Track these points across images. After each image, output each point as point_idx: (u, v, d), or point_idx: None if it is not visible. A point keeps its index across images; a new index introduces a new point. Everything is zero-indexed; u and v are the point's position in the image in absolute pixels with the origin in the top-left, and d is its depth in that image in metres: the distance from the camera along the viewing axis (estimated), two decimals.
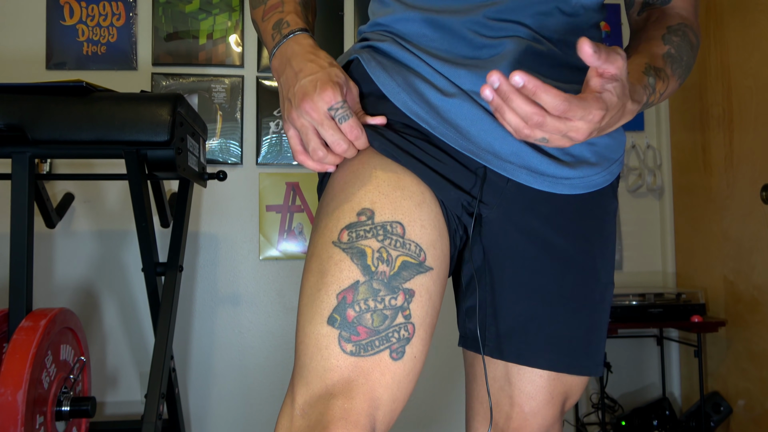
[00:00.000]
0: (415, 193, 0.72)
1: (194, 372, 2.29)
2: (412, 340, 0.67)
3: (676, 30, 0.79)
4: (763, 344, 2.05)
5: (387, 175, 0.72)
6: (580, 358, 0.80)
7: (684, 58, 0.77)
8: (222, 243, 2.34)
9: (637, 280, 2.56)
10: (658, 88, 0.74)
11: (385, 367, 0.65)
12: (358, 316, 0.66)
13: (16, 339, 1.32)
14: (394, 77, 0.78)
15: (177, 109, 1.45)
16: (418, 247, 0.69)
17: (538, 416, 0.80)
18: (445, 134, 0.76)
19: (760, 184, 2.02)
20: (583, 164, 0.79)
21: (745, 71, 2.10)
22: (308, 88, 0.71)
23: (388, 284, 0.67)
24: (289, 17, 0.81)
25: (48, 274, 2.22)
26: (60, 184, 2.24)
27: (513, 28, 0.78)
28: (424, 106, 0.77)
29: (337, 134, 0.71)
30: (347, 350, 0.65)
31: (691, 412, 2.27)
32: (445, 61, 0.78)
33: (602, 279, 0.82)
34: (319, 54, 0.76)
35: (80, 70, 2.29)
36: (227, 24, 2.37)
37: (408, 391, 0.68)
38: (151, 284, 1.59)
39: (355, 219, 0.69)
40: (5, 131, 1.37)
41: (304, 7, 0.86)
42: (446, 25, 0.79)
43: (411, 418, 2.36)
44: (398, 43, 0.81)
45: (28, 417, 1.28)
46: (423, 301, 0.68)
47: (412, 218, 0.70)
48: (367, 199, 0.70)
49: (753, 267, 2.08)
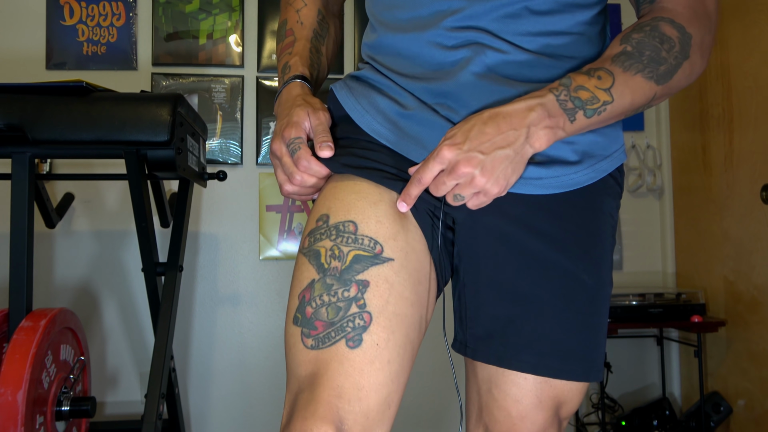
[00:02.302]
0: (371, 194, 0.76)
1: (194, 372, 2.29)
2: (370, 328, 0.69)
3: (643, 26, 0.75)
4: (763, 344, 2.05)
5: (344, 184, 0.78)
6: (569, 362, 0.78)
7: (646, 53, 0.73)
8: (222, 243, 2.34)
9: (637, 280, 2.56)
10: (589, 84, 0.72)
11: (342, 355, 0.68)
12: (315, 311, 0.70)
13: (16, 339, 1.32)
14: (360, 101, 0.85)
15: (177, 109, 1.45)
16: (372, 240, 0.73)
17: (527, 420, 0.79)
18: (405, 148, 0.80)
19: (760, 184, 2.02)
20: (558, 163, 0.78)
21: (745, 71, 2.10)
22: (277, 132, 0.83)
23: (341, 278, 0.71)
24: (292, 61, 0.90)
25: (48, 274, 2.22)
26: (60, 184, 2.24)
27: (472, 36, 0.78)
28: (386, 124, 0.82)
29: (291, 167, 0.80)
30: (308, 345, 0.70)
31: (691, 412, 2.27)
32: (409, 77, 0.83)
33: (586, 280, 0.79)
34: (296, 100, 0.84)
35: (80, 70, 2.29)
36: (227, 24, 2.37)
37: (379, 379, 0.68)
38: (151, 284, 1.59)
39: (315, 225, 0.76)
40: (5, 131, 1.37)
41: (316, 40, 0.94)
42: (413, 42, 0.83)
43: (411, 418, 2.36)
44: (374, 68, 0.88)
45: (28, 417, 1.28)
46: (381, 291, 0.71)
47: (365, 216, 0.74)
48: (325, 207, 0.77)
49: (753, 267, 2.08)
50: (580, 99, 0.72)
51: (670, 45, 0.74)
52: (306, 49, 0.92)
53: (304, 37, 0.93)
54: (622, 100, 0.73)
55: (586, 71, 0.73)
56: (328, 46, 0.99)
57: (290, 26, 0.94)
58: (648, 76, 0.73)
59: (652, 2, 0.79)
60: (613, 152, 0.83)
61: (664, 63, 0.74)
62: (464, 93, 0.78)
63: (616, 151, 0.83)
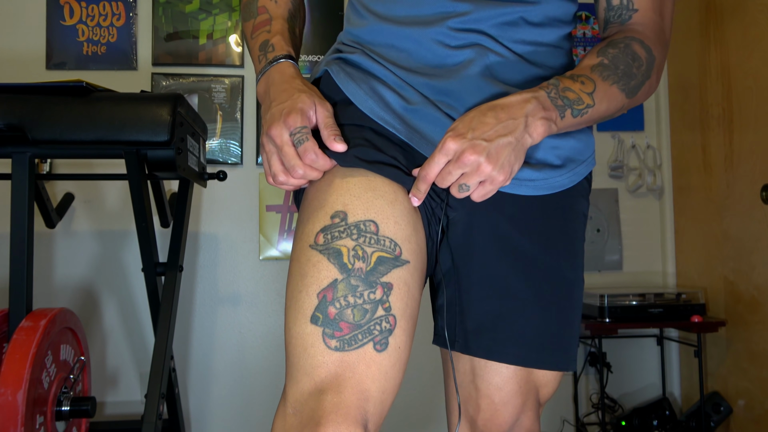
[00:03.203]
0: (388, 192, 0.75)
1: (194, 372, 2.29)
2: (395, 332, 0.70)
3: (617, 43, 0.81)
4: (763, 344, 2.05)
5: (357, 179, 0.75)
6: (550, 353, 0.83)
7: (621, 67, 0.79)
8: (222, 243, 2.34)
9: (637, 280, 2.56)
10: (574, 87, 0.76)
11: (370, 359, 0.68)
12: (339, 312, 0.69)
13: (16, 339, 1.32)
14: (361, 86, 0.83)
15: (177, 109, 1.45)
16: (392, 242, 0.72)
17: (509, 405, 0.83)
18: (411, 138, 0.80)
19: (760, 184, 2.02)
20: (546, 167, 0.83)
21: (745, 71, 2.10)
22: (276, 116, 0.76)
23: (366, 279, 0.70)
24: (275, 39, 0.85)
25: (48, 274, 2.22)
26: (60, 184, 2.24)
27: (475, 38, 0.82)
28: (390, 113, 0.81)
29: (294, 159, 0.74)
30: (332, 346, 0.68)
31: (691, 412, 2.27)
32: (410, 70, 0.82)
33: (568, 276, 0.85)
34: (294, 82, 0.80)
35: (80, 70, 2.29)
36: (227, 24, 2.37)
37: (396, 382, 0.70)
38: (151, 284, 1.59)
39: (330, 222, 0.73)
40: (5, 131, 1.37)
41: (291, 20, 0.90)
42: (412, 37, 0.83)
43: (409, 418, 2.36)
44: (367, 54, 0.85)
45: (28, 417, 1.28)
46: (402, 294, 0.71)
47: (385, 216, 0.73)
48: (340, 203, 0.74)
49: (753, 267, 2.08)
50: (568, 98, 0.76)
51: (639, 63, 0.81)
52: (286, 30, 0.88)
53: (281, 16, 0.89)
54: (600, 105, 0.78)
55: (570, 76, 0.78)
56: (301, 27, 0.95)
57: (263, 3, 0.90)
58: (621, 88, 0.79)
59: (623, 24, 0.85)
60: (587, 157, 0.88)
61: (634, 78, 0.80)
62: (465, 92, 0.81)
63: (589, 156, 0.88)
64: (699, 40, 2.35)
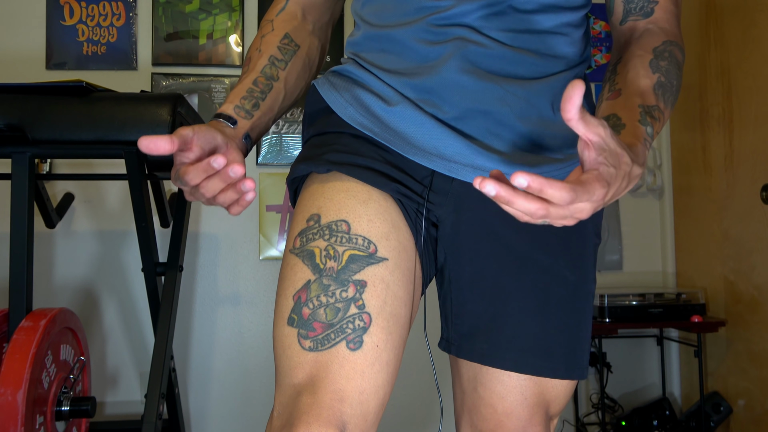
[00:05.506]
0: (360, 192, 0.75)
1: (194, 372, 2.29)
2: (370, 329, 0.68)
3: (663, 52, 0.77)
4: (763, 344, 2.05)
5: (333, 183, 0.76)
6: (551, 359, 0.79)
7: (674, 83, 0.75)
8: (222, 243, 2.34)
9: (637, 280, 2.56)
10: (656, 129, 0.70)
11: (342, 358, 0.67)
12: (313, 312, 0.69)
13: (16, 339, 1.32)
14: (342, 94, 0.83)
15: (177, 109, 1.45)
16: (365, 240, 0.72)
17: (513, 417, 0.79)
18: (389, 140, 0.80)
19: (760, 184, 2.02)
20: (548, 162, 0.79)
21: (745, 71, 2.10)
22: None
23: (338, 278, 0.70)
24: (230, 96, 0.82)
25: (48, 274, 2.22)
26: (60, 184, 2.24)
27: (455, 31, 0.79)
28: (369, 117, 0.81)
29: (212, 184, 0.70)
30: (306, 347, 0.68)
31: (691, 412, 2.27)
32: (392, 72, 0.82)
33: (569, 277, 0.80)
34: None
35: (80, 70, 2.29)
36: (227, 24, 2.37)
37: (378, 382, 0.68)
38: (151, 284, 1.59)
39: (305, 225, 0.74)
40: (5, 131, 1.37)
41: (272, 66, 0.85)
42: (395, 38, 0.82)
43: (408, 419, 2.36)
44: (357, 63, 0.86)
45: (28, 417, 1.28)
46: (378, 291, 0.70)
47: (357, 215, 0.73)
48: (315, 206, 0.75)
49: (753, 267, 2.08)
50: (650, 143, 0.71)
51: (681, 72, 0.77)
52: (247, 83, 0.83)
53: (256, 68, 0.85)
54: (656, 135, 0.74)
55: (648, 111, 0.70)
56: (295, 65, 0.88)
57: (250, 55, 0.88)
58: (671, 109, 0.75)
59: (646, 17, 0.80)
60: None
61: (678, 92, 0.76)
62: (447, 89, 0.79)
63: None
64: (699, 39, 2.35)
